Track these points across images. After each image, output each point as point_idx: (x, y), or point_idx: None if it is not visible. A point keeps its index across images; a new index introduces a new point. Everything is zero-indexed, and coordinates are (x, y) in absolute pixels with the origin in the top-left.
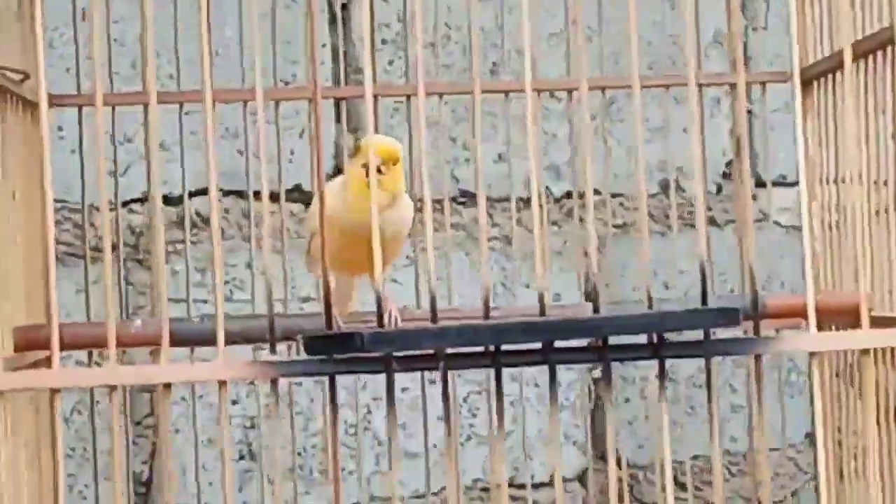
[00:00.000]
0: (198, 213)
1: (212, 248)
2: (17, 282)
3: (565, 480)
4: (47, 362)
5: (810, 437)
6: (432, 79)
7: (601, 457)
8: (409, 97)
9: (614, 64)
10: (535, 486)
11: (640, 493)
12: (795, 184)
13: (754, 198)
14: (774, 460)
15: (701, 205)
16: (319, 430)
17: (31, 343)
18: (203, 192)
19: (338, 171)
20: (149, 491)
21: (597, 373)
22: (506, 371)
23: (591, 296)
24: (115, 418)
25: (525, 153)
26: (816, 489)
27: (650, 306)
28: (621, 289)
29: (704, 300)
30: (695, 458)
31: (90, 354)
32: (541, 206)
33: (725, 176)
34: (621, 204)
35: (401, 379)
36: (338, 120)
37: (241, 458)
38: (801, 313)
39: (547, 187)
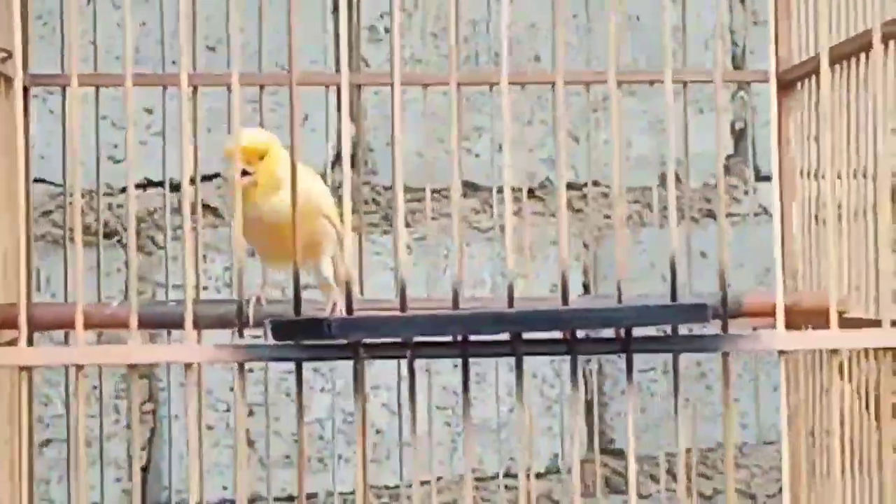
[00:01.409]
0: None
1: (210, 234)
2: (1, 261)
3: (559, 472)
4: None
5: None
6: (433, 69)
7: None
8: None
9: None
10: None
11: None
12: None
13: (749, 192)
14: (769, 454)
15: (672, 199)
16: (316, 419)
17: (7, 322)
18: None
19: (338, 157)
20: (146, 477)
21: (593, 365)
22: (503, 361)
23: (562, 290)
24: (80, 399)
25: (523, 145)
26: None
27: (619, 300)
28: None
29: (674, 296)
30: (687, 450)
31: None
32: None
33: (726, 170)
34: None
35: (394, 369)
36: (338, 108)
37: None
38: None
39: (547, 178)
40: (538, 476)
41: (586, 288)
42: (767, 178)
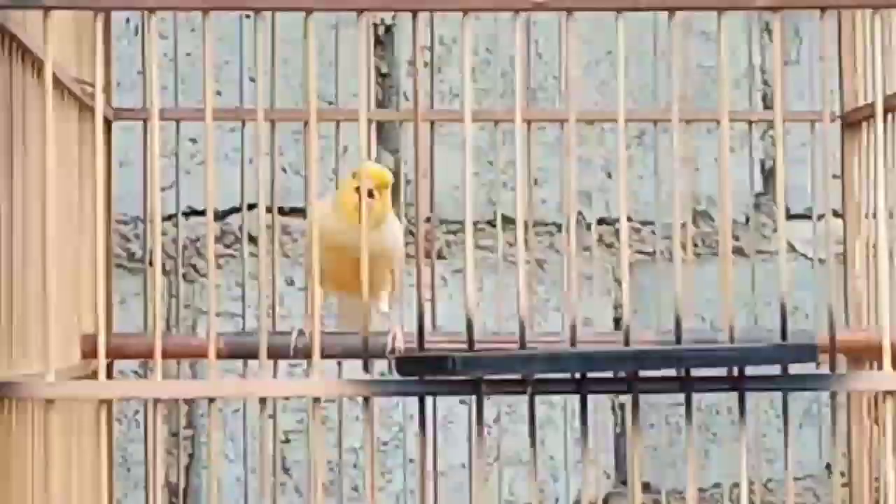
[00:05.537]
0: (241, 230)
1: (251, 264)
2: (89, 292)
3: None
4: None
5: (830, 468)
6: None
7: (624, 481)
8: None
9: (650, 94)
10: None
11: None
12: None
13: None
14: (796, 489)
15: (782, 235)
16: (351, 447)
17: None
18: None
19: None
20: (185, 502)
21: (623, 398)
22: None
23: (676, 328)
24: (212, 427)
25: (557, 180)
26: None
27: (732, 339)
28: (649, 316)
29: (784, 335)
30: (716, 485)
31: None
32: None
33: (756, 207)
34: (652, 232)
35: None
36: (378, 141)
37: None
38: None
39: (580, 212)
40: None
41: (617, 322)
42: (797, 217)
